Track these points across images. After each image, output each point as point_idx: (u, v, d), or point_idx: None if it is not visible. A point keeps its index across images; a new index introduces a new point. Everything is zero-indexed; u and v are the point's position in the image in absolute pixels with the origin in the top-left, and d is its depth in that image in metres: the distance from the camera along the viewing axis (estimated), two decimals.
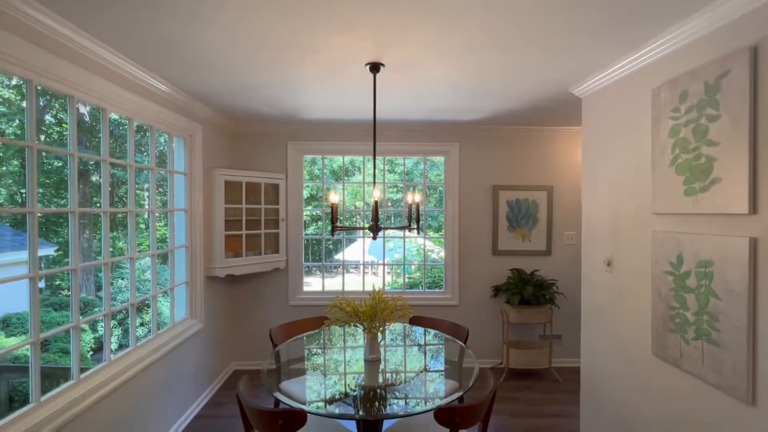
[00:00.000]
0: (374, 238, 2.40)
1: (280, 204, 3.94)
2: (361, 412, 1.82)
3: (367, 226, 2.35)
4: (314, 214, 8.49)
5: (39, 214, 1.75)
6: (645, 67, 2.11)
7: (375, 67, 2.34)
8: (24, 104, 1.81)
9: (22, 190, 7.87)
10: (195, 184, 3.18)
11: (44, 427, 1.71)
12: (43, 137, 8.02)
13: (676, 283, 1.86)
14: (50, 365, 5.53)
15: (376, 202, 2.13)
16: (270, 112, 3.51)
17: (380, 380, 2.13)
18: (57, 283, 8.38)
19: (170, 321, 2.92)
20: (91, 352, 6.54)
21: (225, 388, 3.65)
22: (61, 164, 8.16)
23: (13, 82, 7.34)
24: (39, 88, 1.77)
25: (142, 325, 7.08)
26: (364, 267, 4.53)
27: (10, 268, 6.80)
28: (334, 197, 2.18)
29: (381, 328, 2.19)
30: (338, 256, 7.12)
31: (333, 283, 4.81)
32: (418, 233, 2.32)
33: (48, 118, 8.20)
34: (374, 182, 2.20)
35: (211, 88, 2.79)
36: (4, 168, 7.84)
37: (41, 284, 8.31)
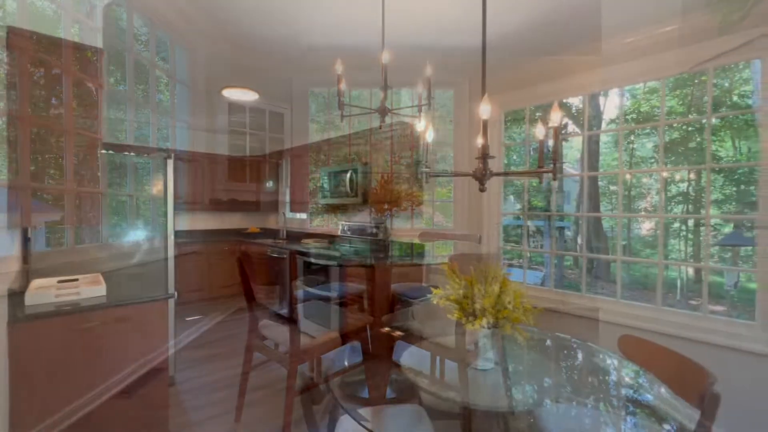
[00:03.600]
0: (382, 122, 2.28)
1: (284, 133, 3.83)
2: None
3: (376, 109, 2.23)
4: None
5: None
6: None
7: None
8: None
9: None
10: (197, 98, 3.08)
11: None
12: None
13: None
14: None
15: (385, 66, 1.99)
16: (272, 34, 3.40)
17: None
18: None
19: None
20: None
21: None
22: None
23: None
24: None
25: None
26: None
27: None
28: (339, 68, 2.05)
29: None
30: None
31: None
32: (429, 108, 2.19)
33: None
34: (383, 36, 2.05)
35: None
36: None
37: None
